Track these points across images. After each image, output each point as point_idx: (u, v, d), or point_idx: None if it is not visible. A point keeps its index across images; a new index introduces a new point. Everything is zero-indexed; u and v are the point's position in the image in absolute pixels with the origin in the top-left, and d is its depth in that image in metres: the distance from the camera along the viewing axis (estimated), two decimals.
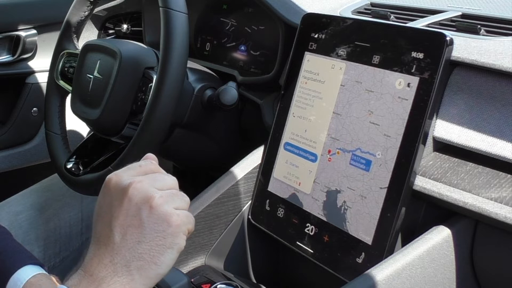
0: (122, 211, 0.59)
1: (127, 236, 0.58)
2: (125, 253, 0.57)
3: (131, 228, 0.58)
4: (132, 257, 0.57)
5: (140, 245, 0.58)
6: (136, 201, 0.59)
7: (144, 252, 0.58)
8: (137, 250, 0.58)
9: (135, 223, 0.58)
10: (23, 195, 1.17)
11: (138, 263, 0.57)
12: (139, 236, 0.58)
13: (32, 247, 1.08)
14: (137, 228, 0.58)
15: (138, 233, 0.58)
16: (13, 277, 0.78)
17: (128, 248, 0.58)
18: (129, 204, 0.59)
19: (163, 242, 0.58)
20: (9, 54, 1.48)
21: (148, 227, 0.58)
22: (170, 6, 0.89)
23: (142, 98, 0.98)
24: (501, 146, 0.75)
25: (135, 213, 0.58)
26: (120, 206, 0.59)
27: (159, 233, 0.58)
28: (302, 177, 0.90)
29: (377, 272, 0.72)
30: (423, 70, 0.77)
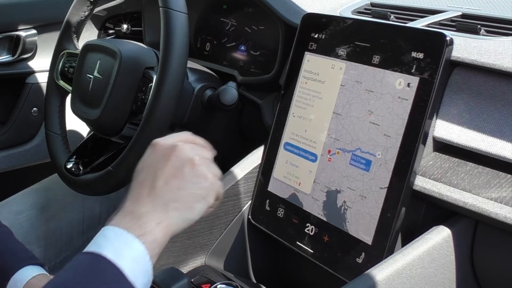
0: (168, 165, 0.68)
1: (169, 183, 0.66)
2: (165, 195, 0.66)
3: (173, 178, 0.67)
4: (171, 199, 0.66)
5: (179, 191, 0.66)
6: (181, 158, 0.68)
7: (182, 197, 0.66)
8: (176, 194, 0.66)
9: (178, 174, 0.67)
10: (24, 194, 1.17)
11: (175, 204, 0.66)
12: (179, 184, 0.67)
13: (33, 247, 1.08)
14: (179, 179, 0.67)
15: (179, 182, 0.67)
16: (14, 277, 0.78)
17: (168, 191, 0.66)
18: (175, 160, 0.68)
19: (199, 192, 0.68)
20: (9, 54, 1.48)
21: (188, 179, 0.67)
22: (170, 6, 0.89)
23: (142, 98, 0.98)
24: (501, 146, 0.75)
25: (178, 167, 0.68)
26: (166, 161, 0.68)
27: (197, 185, 0.68)
28: (302, 177, 0.90)
29: (377, 272, 0.72)
30: (423, 70, 0.77)
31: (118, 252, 0.60)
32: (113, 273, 0.58)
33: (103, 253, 0.59)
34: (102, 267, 0.59)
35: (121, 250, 0.60)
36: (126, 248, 0.60)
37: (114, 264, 0.59)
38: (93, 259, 0.60)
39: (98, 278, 0.58)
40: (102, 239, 0.62)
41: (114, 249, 0.60)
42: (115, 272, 0.58)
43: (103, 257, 0.59)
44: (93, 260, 0.60)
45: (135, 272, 0.59)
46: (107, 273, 0.58)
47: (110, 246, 0.60)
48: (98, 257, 0.59)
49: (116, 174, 0.94)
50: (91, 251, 0.61)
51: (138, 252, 0.61)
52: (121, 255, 0.59)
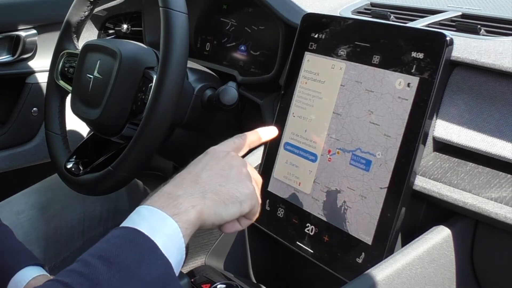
0: (217, 165, 0.72)
1: (213, 178, 0.70)
2: (205, 185, 0.69)
3: (218, 175, 0.71)
4: (210, 190, 0.69)
5: (220, 187, 0.70)
6: (231, 164, 0.73)
7: (221, 192, 0.69)
8: (216, 188, 0.69)
9: (224, 174, 0.71)
10: (24, 194, 1.17)
11: (212, 195, 0.68)
12: (222, 181, 0.70)
13: (33, 247, 1.08)
14: (223, 177, 0.71)
15: (223, 180, 0.70)
16: (14, 278, 0.78)
17: (210, 183, 0.69)
18: (224, 164, 0.72)
19: (237, 195, 0.70)
20: (9, 54, 1.48)
21: (232, 181, 0.71)
22: (170, 6, 0.89)
23: (142, 98, 0.98)
24: (501, 146, 0.75)
25: (227, 169, 0.72)
26: (217, 162, 0.73)
27: (238, 188, 0.71)
28: (302, 177, 0.90)
29: (377, 272, 0.72)
30: (423, 70, 0.77)
31: (153, 228, 0.61)
32: (147, 245, 0.60)
33: (138, 228, 0.61)
34: (137, 239, 0.60)
35: (155, 226, 0.62)
36: (160, 225, 0.62)
37: (149, 237, 0.60)
38: (128, 232, 0.61)
39: (133, 249, 0.59)
40: (137, 217, 0.63)
41: (149, 225, 0.62)
42: (150, 244, 0.60)
43: (138, 231, 0.61)
44: (128, 233, 0.61)
45: (169, 248, 0.61)
46: (142, 245, 0.60)
47: (144, 222, 0.62)
48: (133, 231, 0.61)
49: (116, 174, 0.94)
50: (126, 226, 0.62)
51: (172, 229, 0.62)
52: (155, 230, 0.61)
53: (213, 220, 0.68)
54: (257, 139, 0.84)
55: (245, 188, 0.72)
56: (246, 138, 0.82)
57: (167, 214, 0.63)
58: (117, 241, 0.60)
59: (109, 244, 0.60)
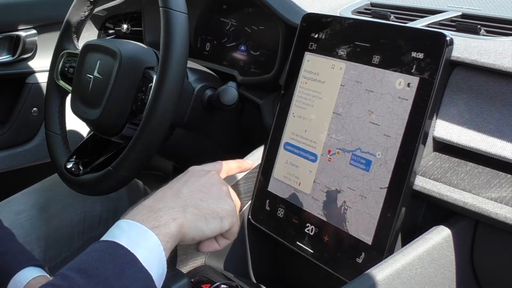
0: (198, 181, 0.73)
1: (194, 193, 0.71)
2: (186, 200, 0.69)
3: (199, 191, 0.72)
4: (191, 204, 0.69)
5: (201, 202, 0.70)
6: (212, 181, 0.74)
7: (202, 207, 0.70)
8: (197, 202, 0.70)
9: (205, 190, 0.72)
10: (24, 194, 1.17)
11: (194, 210, 0.69)
12: (202, 197, 0.71)
13: (33, 247, 1.08)
14: (204, 193, 0.72)
15: (203, 195, 0.71)
16: (14, 278, 0.79)
17: (191, 198, 0.70)
18: (205, 181, 0.73)
19: (218, 211, 0.71)
20: (9, 54, 1.48)
21: (213, 197, 0.72)
22: (170, 6, 0.89)
23: (142, 98, 0.98)
24: (501, 146, 0.75)
25: (208, 186, 0.73)
26: (198, 179, 0.74)
27: (219, 204, 0.72)
28: (302, 177, 0.90)
29: (377, 272, 0.72)
30: (423, 70, 0.77)
31: (132, 241, 0.61)
32: (127, 258, 0.60)
33: (118, 241, 0.61)
34: (116, 252, 0.60)
35: (135, 240, 0.62)
36: (140, 238, 0.62)
37: (129, 250, 0.60)
38: (108, 245, 0.61)
39: (113, 262, 0.59)
40: (117, 230, 0.64)
41: (129, 238, 0.62)
42: (130, 257, 0.60)
43: (118, 244, 0.61)
44: (108, 246, 0.61)
45: (149, 261, 0.61)
46: (122, 258, 0.60)
47: (124, 236, 0.62)
48: (112, 244, 0.61)
49: (116, 174, 0.94)
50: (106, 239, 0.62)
51: (152, 242, 0.62)
52: (135, 244, 0.61)
53: (193, 234, 0.68)
54: (236, 167, 0.87)
55: (226, 204, 0.72)
56: (226, 164, 0.85)
57: (147, 227, 0.63)
58: (96, 254, 0.61)
59: (88, 257, 0.60)
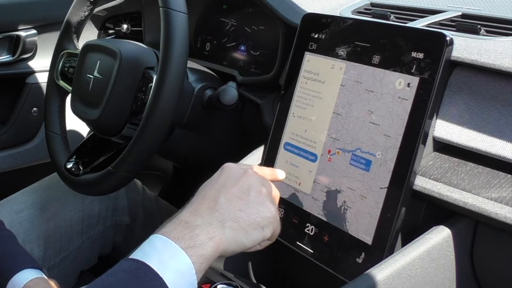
0: (236, 186, 0.68)
1: (232, 202, 0.66)
2: (224, 212, 0.65)
3: (237, 198, 0.67)
4: (229, 218, 0.65)
5: (240, 212, 0.66)
6: (250, 183, 0.69)
7: (241, 218, 0.66)
8: (236, 214, 0.65)
9: (243, 197, 0.67)
10: (23, 193, 1.17)
11: (232, 223, 0.65)
12: (241, 206, 0.66)
13: (33, 246, 1.08)
14: (243, 201, 0.67)
15: (242, 204, 0.66)
16: (12, 280, 0.79)
17: (229, 210, 0.65)
18: (243, 183, 0.68)
19: (259, 220, 0.67)
20: (9, 54, 1.48)
21: (252, 204, 0.67)
22: (170, 6, 0.89)
23: (142, 98, 0.98)
24: (501, 146, 0.75)
25: (245, 191, 0.68)
26: (235, 182, 0.68)
27: (259, 213, 0.67)
28: (302, 177, 0.90)
29: (377, 272, 0.72)
30: (423, 70, 0.77)
31: (163, 262, 0.58)
32: (155, 284, 0.57)
33: (148, 262, 0.58)
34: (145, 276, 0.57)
35: (167, 261, 0.58)
36: (172, 260, 0.59)
37: (158, 274, 0.57)
38: (137, 267, 0.58)
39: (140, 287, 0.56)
40: (149, 248, 0.60)
41: (160, 259, 0.58)
42: (158, 283, 0.57)
43: (148, 266, 0.58)
44: (137, 268, 0.58)
45: (178, 285, 0.58)
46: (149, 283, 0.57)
47: (156, 255, 0.59)
48: (142, 265, 0.58)
49: (116, 174, 0.94)
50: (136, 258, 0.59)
51: (184, 265, 0.59)
52: (165, 266, 0.58)
53: (234, 248, 0.66)
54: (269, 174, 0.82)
55: (267, 211, 0.68)
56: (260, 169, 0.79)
57: (181, 248, 0.60)
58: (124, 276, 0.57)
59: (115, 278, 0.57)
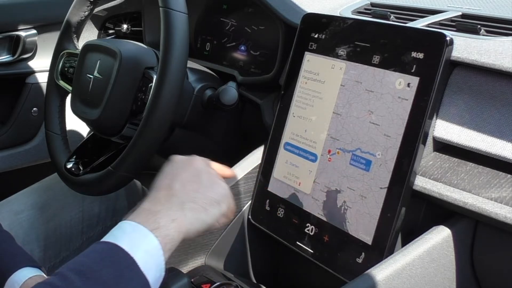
0: (186, 172, 0.72)
1: (186, 186, 0.70)
2: (182, 196, 0.69)
3: (190, 182, 0.71)
4: (187, 200, 0.69)
5: (195, 193, 0.70)
6: (199, 167, 0.73)
7: (198, 198, 0.70)
8: (193, 195, 0.70)
9: (195, 179, 0.72)
10: (23, 194, 1.17)
11: (191, 205, 0.69)
12: (196, 188, 0.71)
13: (32, 247, 1.08)
14: (196, 183, 0.71)
15: (196, 185, 0.71)
16: (11, 278, 0.79)
17: (185, 193, 0.70)
18: (193, 169, 0.73)
19: (214, 197, 0.71)
20: (9, 54, 1.48)
21: (205, 184, 0.72)
22: (170, 6, 0.89)
23: (142, 98, 0.98)
24: (501, 146, 0.75)
25: (196, 174, 0.72)
26: (184, 169, 0.73)
27: (213, 190, 0.72)
28: (302, 177, 0.90)
29: (377, 272, 0.72)
30: (423, 70, 0.77)
31: (133, 244, 0.62)
32: (127, 262, 0.60)
33: (119, 243, 0.61)
34: (116, 256, 0.61)
35: (136, 243, 0.62)
36: (141, 241, 0.63)
37: (129, 254, 0.61)
38: (109, 248, 0.62)
39: (112, 266, 0.60)
40: (119, 231, 0.64)
41: (130, 241, 0.62)
42: (129, 262, 0.61)
43: (119, 247, 0.61)
44: (108, 249, 0.62)
45: (148, 264, 0.62)
46: (121, 262, 0.60)
47: (126, 238, 0.62)
48: (113, 246, 0.61)
49: (116, 174, 0.94)
50: (107, 241, 0.63)
51: (152, 245, 0.63)
52: (135, 247, 0.62)
53: (197, 227, 0.69)
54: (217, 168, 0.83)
55: (220, 188, 0.73)
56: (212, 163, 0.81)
57: (148, 230, 0.64)
58: (97, 256, 0.61)
59: (88, 258, 0.61)
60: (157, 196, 0.70)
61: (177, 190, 0.70)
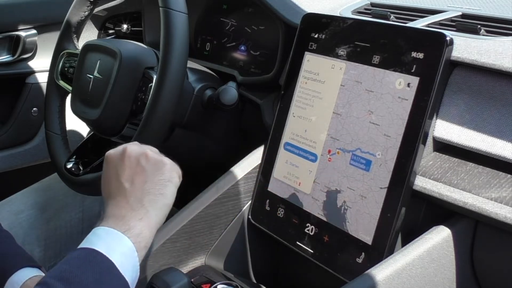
0: (125, 167, 0.71)
1: (135, 181, 0.70)
2: (137, 193, 0.69)
3: (136, 175, 0.70)
4: (143, 194, 0.69)
5: (146, 184, 0.70)
6: (134, 155, 0.71)
7: (151, 187, 0.70)
8: (145, 188, 0.70)
9: (138, 170, 0.71)
10: (24, 194, 1.17)
11: (148, 197, 0.69)
12: (144, 178, 0.70)
13: (33, 247, 1.08)
14: (141, 173, 0.70)
15: (143, 176, 0.70)
16: (11, 279, 0.79)
17: (138, 188, 0.69)
18: (129, 160, 0.71)
19: (163, 177, 0.71)
20: (9, 54, 1.48)
21: (149, 169, 0.71)
22: (170, 6, 0.89)
23: (142, 98, 0.98)
24: (501, 146, 0.75)
25: (135, 163, 0.71)
26: (122, 164, 0.71)
27: (159, 171, 0.71)
28: (302, 177, 0.90)
29: (377, 272, 0.72)
30: (423, 70, 0.77)
31: (110, 247, 0.63)
32: (105, 265, 0.62)
33: (96, 248, 0.63)
34: (95, 259, 0.62)
35: (112, 246, 0.64)
36: (116, 244, 0.64)
37: (107, 256, 0.62)
38: (87, 253, 0.63)
39: (92, 269, 0.61)
40: (94, 237, 0.65)
41: (106, 244, 0.64)
42: (108, 264, 0.62)
43: (97, 251, 0.63)
44: (87, 254, 0.63)
45: (125, 266, 0.63)
46: (100, 265, 0.62)
47: (102, 242, 0.64)
48: (91, 251, 0.63)
49: None
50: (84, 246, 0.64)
51: (127, 247, 0.64)
52: (112, 250, 0.63)
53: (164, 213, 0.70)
54: None
55: (163, 165, 0.72)
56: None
57: (120, 232, 0.65)
58: (76, 262, 0.62)
59: (68, 265, 0.62)
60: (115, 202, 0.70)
61: (128, 189, 0.70)
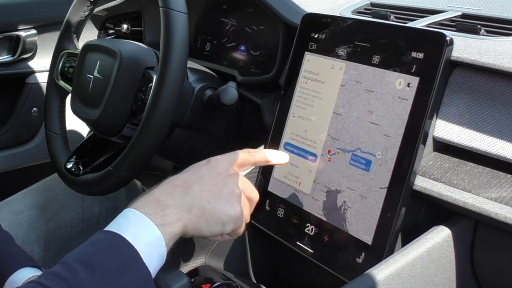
0: (213, 179, 0.72)
1: (203, 193, 0.70)
2: (194, 199, 0.69)
3: (209, 191, 0.71)
4: (197, 205, 0.69)
5: (207, 204, 0.70)
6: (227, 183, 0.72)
7: (207, 209, 0.70)
8: (204, 204, 0.69)
9: (215, 191, 0.71)
10: (24, 194, 1.17)
11: (198, 211, 0.69)
12: (210, 199, 0.70)
13: (33, 247, 1.08)
14: (214, 195, 0.71)
15: (212, 197, 0.70)
16: (10, 279, 0.79)
17: (198, 198, 0.69)
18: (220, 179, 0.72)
19: (222, 216, 0.71)
20: (9, 54, 1.48)
21: (221, 200, 0.71)
22: (170, 6, 0.89)
23: (142, 98, 0.98)
24: (501, 146, 0.75)
25: (220, 186, 0.72)
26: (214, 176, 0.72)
27: (225, 209, 0.71)
28: (302, 177, 0.90)
29: (377, 272, 0.72)
30: (423, 70, 0.77)
31: (137, 234, 0.62)
32: (130, 254, 0.61)
33: (123, 234, 0.62)
34: (120, 247, 0.61)
35: (140, 233, 0.63)
36: (144, 232, 0.63)
37: (132, 245, 0.61)
38: (113, 238, 0.62)
39: (116, 257, 0.60)
40: (123, 220, 0.64)
41: (134, 231, 0.62)
42: (133, 253, 0.61)
43: (123, 237, 0.62)
44: (113, 239, 0.62)
45: (150, 256, 0.62)
46: (125, 253, 0.61)
47: (130, 228, 0.63)
48: (117, 237, 0.62)
49: (116, 174, 0.94)
50: (111, 230, 0.63)
51: (155, 237, 0.64)
52: (139, 238, 0.62)
53: (193, 233, 0.69)
54: (264, 160, 0.83)
55: (232, 210, 0.72)
56: (253, 156, 0.80)
57: (153, 223, 0.64)
58: (101, 246, 0.61)
59: (93, 249, 0.61)
60: (172, 188, 0.70)
61: (193, 192, 0.70)
